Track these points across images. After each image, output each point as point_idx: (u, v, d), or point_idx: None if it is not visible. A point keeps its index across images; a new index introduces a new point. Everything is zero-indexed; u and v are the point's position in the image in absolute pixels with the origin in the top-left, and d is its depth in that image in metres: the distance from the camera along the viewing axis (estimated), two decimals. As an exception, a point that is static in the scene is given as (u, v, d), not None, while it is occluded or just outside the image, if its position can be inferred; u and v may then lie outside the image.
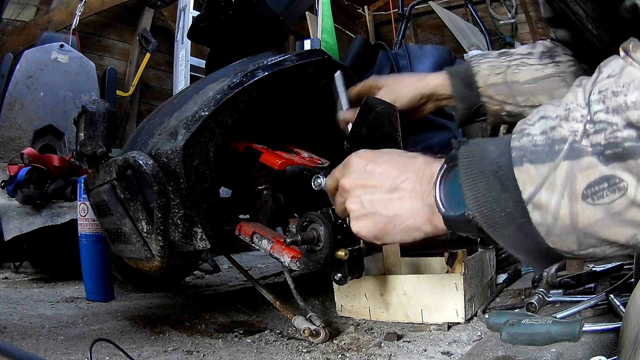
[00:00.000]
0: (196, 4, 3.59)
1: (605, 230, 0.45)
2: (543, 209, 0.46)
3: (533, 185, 0.47)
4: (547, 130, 0.47)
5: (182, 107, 1.21)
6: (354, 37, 3.55)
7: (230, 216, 1.34)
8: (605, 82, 0.45)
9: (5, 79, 2.66)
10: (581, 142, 0.45)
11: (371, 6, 6.03)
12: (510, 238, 0.50)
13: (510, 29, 5.25)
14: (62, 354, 1.14)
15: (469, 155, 0.52)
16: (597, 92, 0.45)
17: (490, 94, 1.07)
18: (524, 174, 0.47)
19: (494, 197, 0.49)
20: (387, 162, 0.64)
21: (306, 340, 1.29)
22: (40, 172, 2.17)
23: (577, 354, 1.03)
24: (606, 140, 0.43)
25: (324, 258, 1.00)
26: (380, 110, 1.40)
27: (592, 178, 0.44)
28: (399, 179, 0.60)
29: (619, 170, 0.43)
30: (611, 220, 0.44)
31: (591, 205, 0.44)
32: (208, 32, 1.66)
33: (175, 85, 3.79)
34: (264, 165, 1.17)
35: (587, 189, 0.44)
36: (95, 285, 1.78)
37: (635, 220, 0.44)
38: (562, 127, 0.46)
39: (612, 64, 0.47)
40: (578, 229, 0.45)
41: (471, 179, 0.51)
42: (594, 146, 0.44)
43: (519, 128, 0.50)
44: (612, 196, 0.43)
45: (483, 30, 3.46)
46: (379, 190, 0.62)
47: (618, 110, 0.43)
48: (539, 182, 0.46)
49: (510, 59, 1.07)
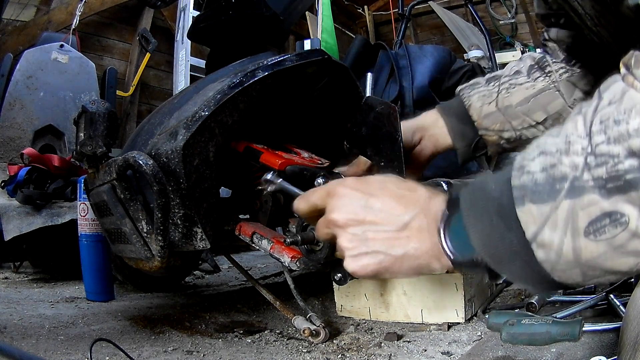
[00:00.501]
0: (196, 4, 3.59)
1: (608, 262, 0.46)
2: (546, 247, 0.47)
3: (536, 225, 0.47)
4: (548, 167, 0.47)
5: (182, 107, 1.21)
6: (354, 37, 3.55)
7: (230, 216, 1.33)
8: (607, 110, 0.45)
9: (5, 79, 2.66)
10: (582, 176, 0.45)
11: (371, 6, 6.03)
12: (518, 272, 0.51)
13: (510, 29, 5.25)
14: (62, 354, 1.14)
15: (471, 197, 0.53)
16: (599, 122, 0.45)
17: (486, 125, 1.04)
18: (526, 214, 0.48)
19: (498, 236, 0.50)
20: (385, 195, 0.60)
21: (306, 340, 1.29)
22: (40, 172, 2.17)
23: (577, 354, 1.03)
24: (608, 173, 0.44)
25: (324, 258, 1.00)
26: (380, 110, 1.40)
27: (594, 215, 0.44)
28: (405, 217, 0.57)
29: (620, 203, 0.43)
30: (614, 253, 0.45)
31: (593, 241, 0.45)
32: (208, 32, 1.66)
33: (175, 85, 3.79)
34: (264, 165, 1.17)
35: (589, 226, 0.45)
36: (95, 285, 1.78)
37: (638, 251, 0.44)
38: (563, 163, 0.47)
39: (613, 88, 0.47)
40: (582, 263, 0.46)
41: (475, 220, 0.52)
42: (595, 180, 0.44)
43: (519, 164, 0.50)
44: (614, 231, 0.44)
45: (483, 30, 3.45)
46: (383, 227, 0.58)
47: (619, 139, 0.44)
48: (541, 221, 0.47)
49: (499, 83, 1.05)
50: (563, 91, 0.99)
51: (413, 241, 0.57)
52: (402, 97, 1.70)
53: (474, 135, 1.06)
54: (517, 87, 1.03)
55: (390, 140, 1.43)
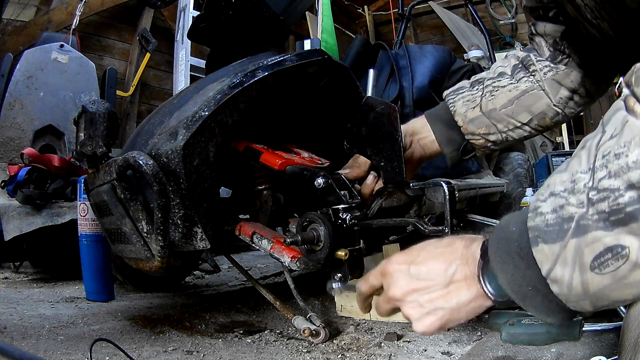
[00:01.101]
0: (196, 4, 3.59)
1: (614, 293, 0.49)
2: (559, 282, 0.52)
3: (549, 263, 0.52)
4: (557, 208, 0.52)
5: (182, 107, 1.21)
6: (354, 37, 3.55)
7: (230, 216, 1.33)
8: (608, 144, 0.48)
9: (5, 79, 2.66)
10: (587, 213, 0.49)
11: (371, 6, 6.03)
12: (539, 306, 0.56)
13: (510, 29, 5.26)
14: (62, 354, 1.14)
15: (497, 241, 0.59)
16: (601, 156, 0.49)
17: (472, 130, 1.05)
18: (540, 254, 0.53)
19: (521, 275, 0.55)
20: (428, 258, 0.67)
21: (306, 340, 1.29)
22: (40, 172, 2.17)
23: (577, 354, 1.03)
24: (610, 207, 0.47)
25: (324, 258, 1.00)
26: (380, 110, 1.40)
27: (598, 251, 0.48)
28: (449, 271, 0.64)
29: (622, 235, 0.47)
30: (618, 285, 0.48)
31: (599, 275, 0.49)
32: (208, 32, 1.66)
33: (175, 85, 3.78)
34: (264, 165, 1.17)
35: (594, 261, 0.49)
36: (95, 285, 1.78)
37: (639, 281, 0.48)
38: (570, 203, 0.51)
39: (614, 120, 0.49)
40: (590, 295, 0.51)
41: (501, 262, 0.57)
42: (599, 214, 0.48)
43: (533, 206, 0.55)
44: (617, 264, 0.47)
45: (483, 30, 3.45)
46: (434, 288, 0.65)
47: (619, 173, 0.46)
48: (553, 259, 0.52)
49: (483, 86, 1.06)
50: (548, 90, 0.99)
51: (462, 291, 0.63)
52: (402, 97, 1.69)
53: (461, 140, 1.08)
54: (500, 90, 1.03)
55: (390, 140, 1.43)
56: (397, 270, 0.69)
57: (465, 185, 1.71)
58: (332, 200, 1.05)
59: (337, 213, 1.03)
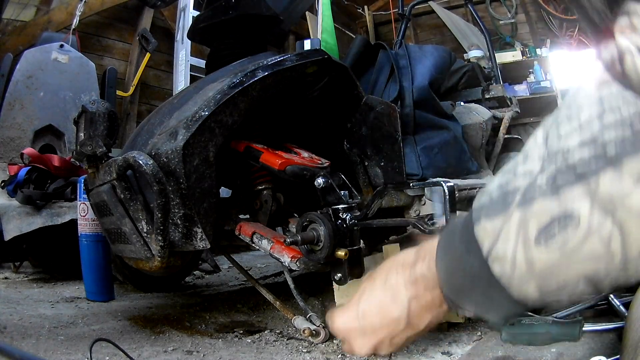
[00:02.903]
0: (196, 4, 3.59)
1: (563, 271, 0.45)
2: (501, 260, 0.47)
3: (489, 240, 0.47)
4: (503, 184, 0.48)
5: (182, 107, 1.21)
6: (354, 37, 3.55)
7: (230, 216, 1.33)
8: (562, 112, 0.46)
9: (5, 79, 2.66)
10: (535, 183, 0.45)
11: (371, 6, 6.03)
12: (478, 298, 0.51)
13: (510, 29, 5.25)
14: (62, 354, 1.14)
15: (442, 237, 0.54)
16: (555, 125, 0.46)
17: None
18: (481, 231, 0.48)
19: (458, 262, 0.50)
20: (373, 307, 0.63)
21: (306, 340, 1.29)
22: (40, 172, 2.17)
23: (577, 354, 1.03)
24: (558, 168, 0.43)
25: (324, 258, 1.00)
26: (380, 110, 1.40)
27: (543, 222, 0.44)
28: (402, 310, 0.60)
29: (570, 200, 0.43)
30: (568, 260, 0.44)
31: (545, 249, 0.44)
32: (208, 32, 1.66)
33: (175, 85, 3.78)
34: (264, 165, 1.17)
35: (539, 234, 0.44)
36: (95, 285, 1.78)
37: (594, 254, 0.43)
38: (517, 174, 0.47)
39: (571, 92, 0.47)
40: (536, 274, 0.46)
41: (443, 253, 0.53)
42: (547, 178, 0.44)
43: (483, 189, 0.51)
44: (565, 234, 0.43)
45: (483, 30, 3.45)
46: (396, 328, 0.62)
47: (571, 133, 0.43)
48: (495, 235, 0.47)
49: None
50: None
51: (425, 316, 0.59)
52: (402, 97, 1.69)
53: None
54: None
55: (390, 140, 1.44)
56: (348, 332, 0.66)
57: (465, 185, 1.71)
58: (332, 200, 1.05)
59: (337, 213, 1.03)
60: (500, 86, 2.82)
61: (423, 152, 1.63)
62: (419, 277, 0.58)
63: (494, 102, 2.71)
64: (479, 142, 2.22)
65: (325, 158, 1.26)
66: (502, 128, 2.55)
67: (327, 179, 1.06)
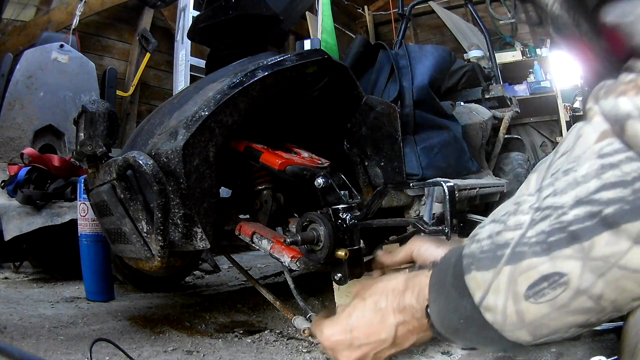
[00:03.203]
0: (196, 4, 3.59)
1: (553, 322, 0.46)
2: (492, 310, 0.48)
3: (481, 291, 0.49)
4: (493, 234, 0.48)
5: (182, 107, 1.21)
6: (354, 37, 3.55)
7: (230, 216, 1.33)
8: (558, 162, 0.45)
9: (5, 79, 2.66)
10: (524, 236, 0.45)
11: (371, 6, 6.03)
12: (474, 338, 0.53)
13: (510, 29, 5.25)
14: (62, 354, 1.14)
15: (435, 274, 0.56)
16: (550, 175, 0.45)
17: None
18: (472, 281, 0.50)
19: (452, 306, 0.52)
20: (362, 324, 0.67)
21: (306, 340, 1.29)
22: (40, 172, 2.17)
23: (577, 354, 1.03)
24: (551, 226, 0.43)
25: (324, 258, 1.00)
26: (380, 110, 1.40)
27: (532, 279, 0.44)
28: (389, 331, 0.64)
29: (560, 261, 0.43)
30: (558, 313, 0.45)
31: (534, 304, 0.45)
32: (208, 32, 1.66)
33: (175, 85, 3.78)
34: (264, 165, 1.17)
35: (528, 290, 0.45)
36: (95, 285, 1.78)
37: (583, 307, 0.44)
38: (508, 226, 0.47)
39: (568, 138, 0.46)
40: (526, 324, 0.47)
41: (436, 294, 0.55)
42: (537, 235, 0.44)
43: (472, 233, 0.52)
44: (554, 293, 0.44)
45: (483, 30, 3.45)
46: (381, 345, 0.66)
47: (567, 189, 0.43)
48: (486, 287, 0.48)
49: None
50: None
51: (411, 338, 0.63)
52: (402, 97, 1.69)
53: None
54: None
55: (390, 140, 1.44)
56: (335, 344, 0.70)
57: (465, 185, 1.71)
58: (332, 200, 1.05)
59: (337, 213, 1.03)
60: (500, 86, 2.82)
61: (423, 152, 1.63)
62: (407, 306, 0.62)
63: (494, 102, 2.71)
64: (479, 142, 2.22)
65: (325, 158, 1.26)
66: (502, 128, 2.56)
67: (327, 179, 1.06)
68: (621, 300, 0.43)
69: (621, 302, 0.43)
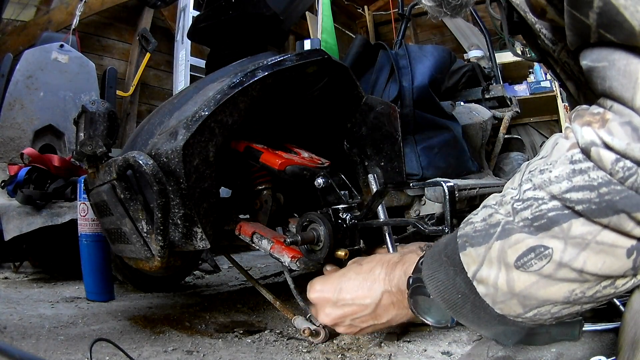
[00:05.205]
0: (196, 4, 3.59)
1: (541, 291, 0.52)
2: (485, 282, 0.55)
3: (475, 264, 0.55)
4: (486, 217, 0.56)
5: (182, 107, 1.21)
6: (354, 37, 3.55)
7: (230, 216, 1.33)
8: (536, 163, 0.54)
9: (5, 79, 2.65)
10: (513, 221, 0.53)
11: (371, 6, 6.03)
12: (470, 315, 0.58)
13: (510, 29, 5.24)
14: (62, 354, 1.14)
15: (431, 253, 0.63)
16: (528, 172, 0.54)
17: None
18: (467, 257, 0.56)
19: (451, 282, 0.58)
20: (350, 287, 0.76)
21: (306, 340, 1.29)
22: (40, 172, 2.17)
23: (577, 354, 1.03)
24: (532, 214, 0.51)
25: (324, 258, 1.00)
26: (380, 110, 1.40)
27: (520, 251, 0.51)
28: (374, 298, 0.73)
29: (546, 239, 0.50)
30: (545, 282, 0.51)
31: (524, 272, 0.51)
32: (208, 32, 1.66)
33: (175, 85, 3.78)
34: (264, 165, 1.17)
35: (517, 261, 0.52)
36: (95, 285, 1.78)
37: (568, 277, 0.50)
38: (499, 212, 0.55)
39: (548, 145, 0.55)
40: (516, 293, 0.53)
41: (432, 271, 0.61)
42: (523, 220, 0.52)
43: (466, 219, 0.59)
44: (540, 263, 0.50)
45: (483, 30, 3.45)
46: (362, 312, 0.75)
47: (542, 185, 0.51)
48: (479, 261, 0.55)
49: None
50: None
51: (390, 311, 0.71)
52: (402, 97, 1.69)
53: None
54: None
55: (390, 140, 1.44)
56: (321, 299, 0.76)
57: (465, 185, 1.71)
58: (332, 200, 1.05)
59: (337, 213, 1.03)
60: (500, 86, 2.82)
61: (423, 152, 1.63)
62: (396, 276, 0.70)
63: (494, 102, 2.72)
64: (479, 142, 2.22)
65: (325, 158, 1.26)
66: (502, 128, 2.56)
67: (327, 179, 1.06)
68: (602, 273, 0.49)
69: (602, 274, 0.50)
